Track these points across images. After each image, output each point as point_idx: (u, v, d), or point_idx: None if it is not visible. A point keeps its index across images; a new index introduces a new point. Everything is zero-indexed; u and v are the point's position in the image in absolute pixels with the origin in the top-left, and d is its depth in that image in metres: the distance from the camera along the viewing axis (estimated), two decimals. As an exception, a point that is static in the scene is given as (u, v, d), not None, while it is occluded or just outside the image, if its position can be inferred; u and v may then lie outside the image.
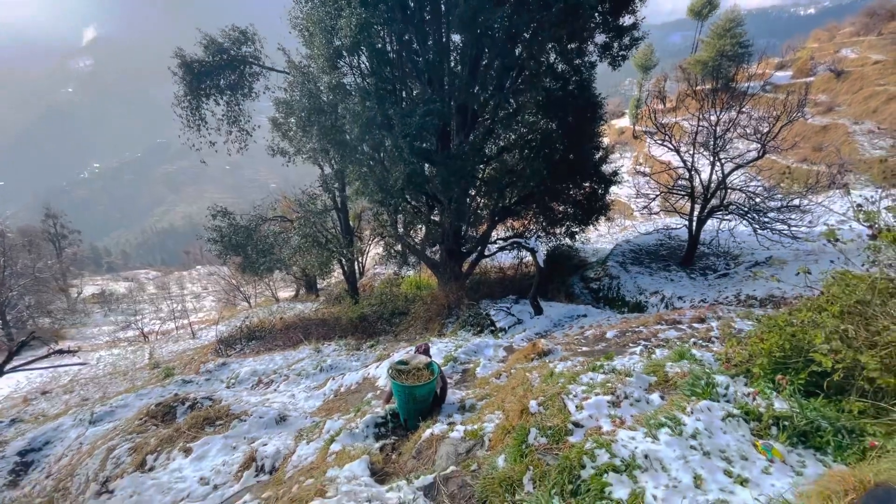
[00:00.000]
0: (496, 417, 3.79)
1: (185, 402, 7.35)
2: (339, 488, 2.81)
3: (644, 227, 21.89)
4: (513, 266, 19.92)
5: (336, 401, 6.88)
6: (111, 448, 6.14)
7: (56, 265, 51.47)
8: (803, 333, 2.91)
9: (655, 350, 5.43)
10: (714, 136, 13.99)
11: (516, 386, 4.31)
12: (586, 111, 14.57)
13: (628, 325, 7.97)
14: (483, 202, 18.13)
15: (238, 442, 5.31)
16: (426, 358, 5.06)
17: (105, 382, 15.27)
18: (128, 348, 25.65)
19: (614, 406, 3.02)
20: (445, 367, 6.93)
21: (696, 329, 6.59)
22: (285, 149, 15.02)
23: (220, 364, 10.94)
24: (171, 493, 4.33)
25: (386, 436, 4.44)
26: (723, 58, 32.38)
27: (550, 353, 6.58)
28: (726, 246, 15.46)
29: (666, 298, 13.60)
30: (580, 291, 16.38)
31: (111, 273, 78.66)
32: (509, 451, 2.95)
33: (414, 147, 10.98)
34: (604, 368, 3.70)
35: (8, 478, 7.21)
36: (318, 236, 15.26)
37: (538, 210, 16.41)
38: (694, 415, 2.61)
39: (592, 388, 3.28)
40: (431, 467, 3.42)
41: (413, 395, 4.57)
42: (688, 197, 15.34)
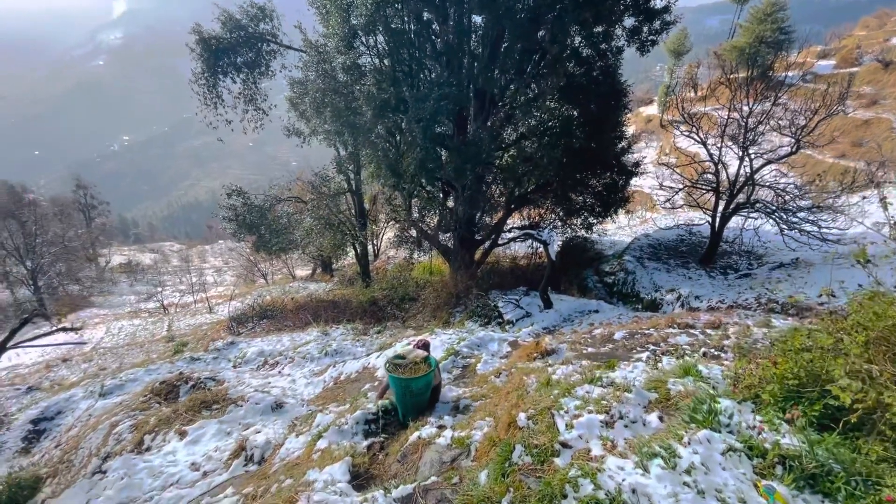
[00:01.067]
0: (486, 425, 3.64)
1: (189, 381, 7.44)
2: (312, 497, 2.72)
3: (665, 222, 21.19)
4: (527, 255, 19.60)
5: (335, 389, 6.86)
6: (114, 424, 6.26)
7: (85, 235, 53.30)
8: (822, 361, 2.65)
9: (662, 358, 5.18)
10: (745, 128, 13.27)
11: (511, 391, 4.14)
12: (610, 98, 13.98)
13: (638, 327, 7.68)
14: (499, 190, 17.78)
15: (233, 427, 5.32)
16: (423, 352, 4.94)
17: (122, 353, 15.76)
18: (148, 319, 26.46)
19: (607, 427, 2.83)
20: (446, 360, 6.82)
21: (710, 336, 6.28)
22: (300, 129, 14.90)
23: (229, 343, 11.08)
24: (161, 477, 4.35)
25: (375, 433, 4.35)
26: (761, 44, 30.69)
27: (554, 353, 6.38)
28: (750, 245, 14.83)
29: (682, 297, 13.15)
30: (594, 285, 16.02)
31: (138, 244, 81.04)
32: (492, 467, 2.80)
33: (428, 131, 10.71)
34: (602, 381, 3.49)
35: (21, 444, 7.49)
36: (330, 219, 15.22)
37: (555, 200, 15.99)
38: (691, 446, 2.40)
39: (586, 405, 3.08)
40: (414, 475, 3.31)
41: (409, 389, 4.47)
42: (712, 192, 14.71)
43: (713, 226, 14.76)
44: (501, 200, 17.00)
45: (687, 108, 15.53)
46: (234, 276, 43.81)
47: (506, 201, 16.02)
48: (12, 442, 7.40)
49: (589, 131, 13.71)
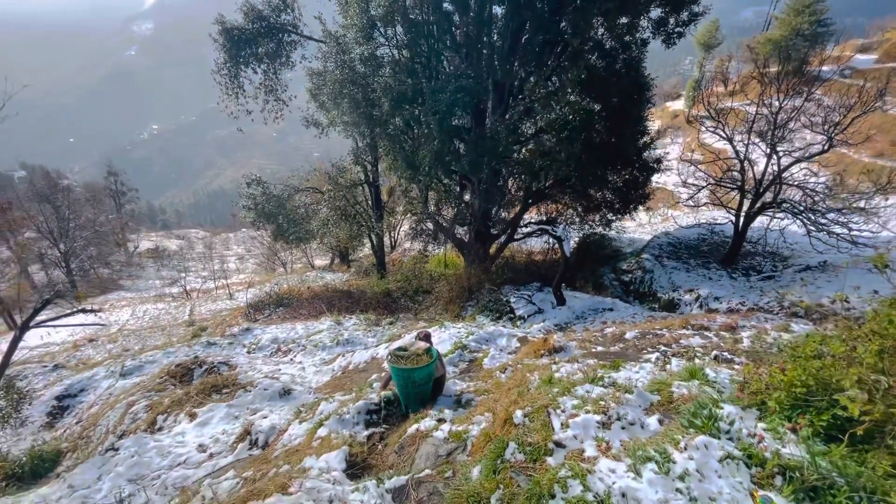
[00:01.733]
0: (485, 420, 3.62)
1: (203, 364, 7.65)
2: (304, 484, 2.76)
3: (686, 220, 20.65)
4: (542, 251, 19.39)
5: (343, 378, 6.94)
6: (131, 403, 6.49)
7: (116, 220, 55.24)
8: (833, 369, 2.53)
9: (672, 359, 5.06)
10: (773, 125, 12.76)
11: (512, 387, 4.11)
12: (633, 92, 13.61)
13: (651, 327, 7.53)
14: (516, 185, 17.59)
15: (241, 412, 5.45)
16: (425, 344, 4.95)
17: (145, 335, 16.30)
18: (171, 304, 27.27)
19: (604, 427, 2.77)
20: (453, 354, 6.81)
21: (724, 338, 6.11)
22: (319, 120, 15.02)
23: (245, 329, 11.33)
24: (169, 457, 4.49)
25: (377, 423, 4.38)
26: (797, 37, 29.40)
27: (562, 351, 6.31)
28: (775, 246, 14.33)
29: (701, 298, 12.83)
30: (610, 283, 15.76)
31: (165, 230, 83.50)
32: (485, 463, 2.78)
33: (444, 124, 10.64)
34: (603, 381, 3.42)
35: (46, 419, 7.83)
36: (347, 209, 15.34)
37: (573, 195, 15.73)
38: (687, 451, 2.33)
39: (584, 404, 3.03)
40: (409, 467, 3.32)
41: (411, 379, 4.49)
42: (737, 190, 14.24)
43: (736, 225, 14.31)
44: (518, 195, 16.82)
45: (715, 104, 15.03)
46: (256, 264, 44.71)
47: (522, 196, 15.84)
48: (38, 416, 7.74)
49: (610, 126, 13.39)
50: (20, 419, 7.31)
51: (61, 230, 41.80)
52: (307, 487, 2.70)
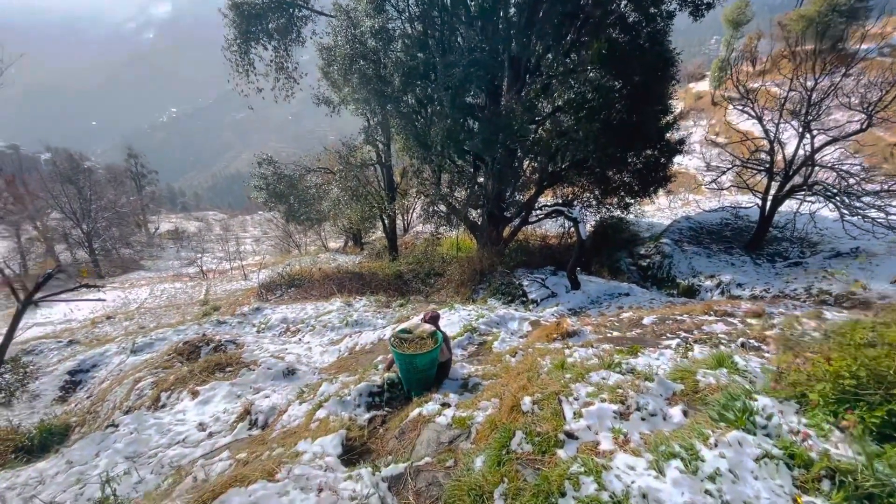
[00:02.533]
0: (491, 406, 3.39)
1: (210, 342, 7.59)
2: (293, 470, 2.57)
3: (709, 204, 19.91)
4: (557, 235, 18.96)
5: (349, 359, 6.80)
6: (137, 380, 6.45)
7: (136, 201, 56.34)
8: (889, 359, 2.20)
9: (694, 346, 4.73)
10: (808, 102, 12.00)
11: (521, 372, 3.86)
12: (656, 68, 12.91)
13: (670, 312, 7.17)
14: (531, 166, 17.08)
15: (244, 390, 5.33)
16: (430, 327, 4.72)
17: (161, 313, 16.53)
18: (188, 283, 27.71)
19: (622, 418, 2.50)
20: (462, 337, 6.59)
21: (750, 325, 5.73)
22: (330, 98, 14.70)
23: (255, 308, 11.30)
24: (168, 435, 4.39)
25: (379, 406, 4.19)
26: (834, 13, 27.69)
27: (576, 336, 6.02)
28: (804, 231, 13.64)
29: (723, 284, 12.34)
30: (627, 268, 15.30)
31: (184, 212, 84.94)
32: (489, 453, 2.54)
33: (456, 100, 10.25)
34: (621, 367, 3.14)
35: (59, 393, 7.92)
36: (358, 190, 15.10)
37: (591, 177, 15.21)
38: (718, 448, 2.05)
39: (600, 392, 2.76)
40: (409, 453, 3.11)
41: (413, 365, 4.28)
42: (765, 172, 13.55)
43: (763, 209, 13.65)
44: (533, 178, 16.35)
45: (743, 82, 14.23)
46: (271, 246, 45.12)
47: (538, 178, 15.37)
48: (51, 391, 7.83)
49: (631, 104, 12.78)
50: (31, 393, 7.39)
51: (83, 211, 42.77)
52: (296, 474, 2.51)
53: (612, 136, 12.77)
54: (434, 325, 4.78)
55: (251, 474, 2.48)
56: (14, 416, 7.20)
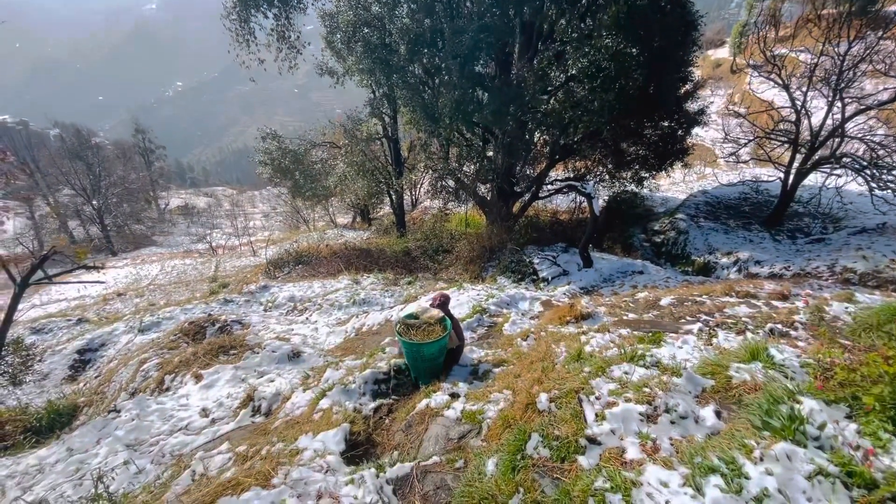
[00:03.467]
0: (503, 399, 3.18)
1: (216, 323, 7.50)
2: (291, 473, 2.40)
3: (726, 178, 19.24)
4: (568, 211, 18.52)
5: (356, 340, 6.65)
6: (143, 361, 6.39)
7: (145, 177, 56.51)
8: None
9: (718, 331, 4.47)
10: (840, 68, 11.25)
11: (535, 361, 3.64)
12: (676, 32, 12.13)
13: (689, 293, 6.88)
14: (542, 139, 16.50)
15: (248, 374, 5.21)
16: (439, 312, 4.50)
17: (171, 290, 16.61)
18: (198, 259, 27.86)
19: (649, 421, 2.27)
20: (472, 319, 6.38)
21: (776, 309, 5.43)
22: (334, 68, 14.17)
23: (262, 287, 11.21)
24: (170, 421, 4.29)
25: (385, 394, 4.02)
26: (867, -30, 25.92)
27: (590, 318, 5.78)
28: (828, 206, 13.09)
29: (740, 261, 11.94)
30: (640, 244, 14.91)
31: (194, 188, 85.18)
32: (503, 456, 2.34)
33: (465, 68, 9.73)
34: (645, 360, 2.89)
35: (68, 372, 7.94)
36: (364, 164, 14.73)
37: (605, 150, 14.65)
38: (764, 462, 1.81)
39: (624, 390, 2.52)
40: (416, 450, 2.93)
41: (420, 354, 4.09)
42: (789, 144, 12.90)
43: (785, 183, 13.08)
44: (545, 151, 15.81)
45: (771, 45, 13.39)
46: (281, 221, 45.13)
47: (549, 151, 14.85)
48: (60, 370, 7.85)
49: (649, 72, 12.09)
50: (40, 373, 7.41)
51: (94, 187, 42.96)
52: (293, 478, 2.34)
53: (628, 106, 12.17)
54: (443, 310, 4.55)
55: (245, 480, 2.32)
56: (24, 396, 7.24)
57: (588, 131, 13.47)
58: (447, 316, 4.38)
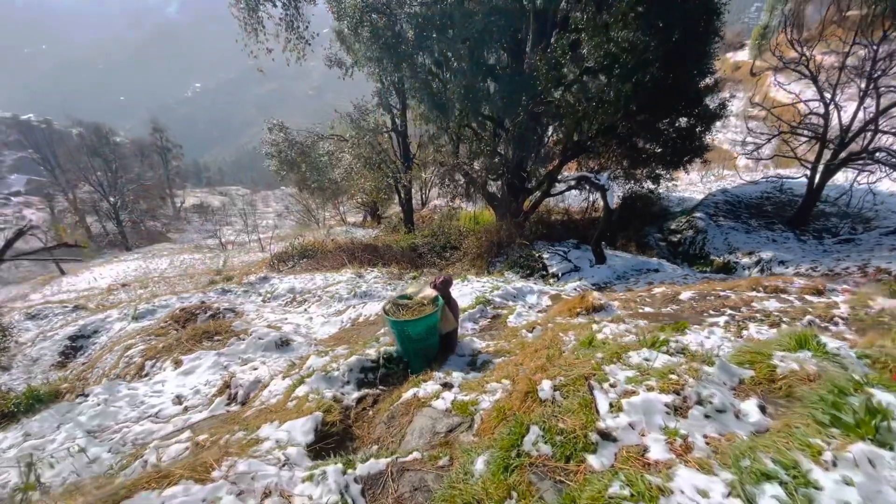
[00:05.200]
0: (501, 389, 2.76)
1: (208, 310, 7.18)
2: (237, 466, 2.01)
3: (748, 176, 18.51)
4: (581, 210, 17.98)
5: (351, 330, 6.27)
6: (128, 347, 6.09)
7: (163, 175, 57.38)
8: None
9: (749, 324, 3.98)
10: (874, 57, 10.60)
11: (541, 349, 3.20)
12: (698, 21, 11.57)
13: (711, 288, 6.36)
14: (554, 136, 16.02)
15: (231, 361, 4.86)
16: (433, 292, 4.10)
17: (175, 282, 16.45)
18: (207, 254, 27.87)
19: (676, 414, 1.82)
20: (474, 310, 5.95)
21: (811, 304, 4.90)
22: (343, 59, 13.88)
23: (262, 278, 10.91)
24: (139, 408, 3.94)
25: (372, 384, 3.62)
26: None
27: (602, 310, 5.31)
28: (858, 205, 12.38)
29: (763, 261, 11.30)
30: (655, 243, 14.31)
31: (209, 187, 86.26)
32: (494, 453, 1.91)
33: (475, 55, 9.32)
34: (668, 346, 2.44)
35: (58, 358, 7.69)
36: (372, 157, 14.39)
37: (619, 147, 14.11)
38: (838, 468, 1.36)
39: (644, 377, 2.07)
40: (397, 444, 2.52)
41: (406, 333, 3.70)
42: (816, 140, 12.24)
43: (811, 181, 12.40)
44: (556, 148, 15.33)
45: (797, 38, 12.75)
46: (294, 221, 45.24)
47: (561, 148, 14.36)
48: (50, 356, 7.61)
49: (668, 63, 11.55)
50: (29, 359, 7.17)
51: (111, 184, 43.61)
52: (238, 472, 1.95)
53: (645, 99, 11.64)
54: (442, 292, 4.14)
55: (175, 472, 1.93)
56: (12, 380, 7.01)
57: (603, 126, 12.95)
58: (443, 297, 3.97)
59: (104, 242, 43.78)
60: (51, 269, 29.43)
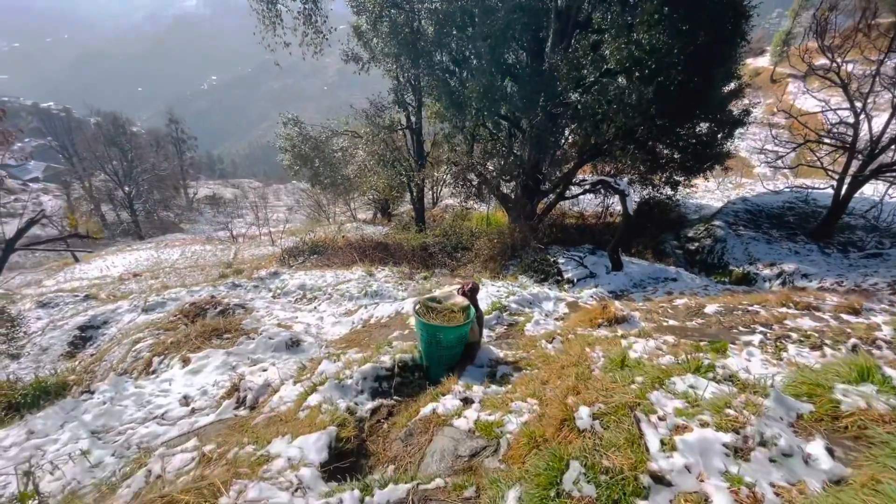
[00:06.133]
0: (527, 409, 2.57)
1: (218, 305, 7.08)
2: (247, 492, 1.85)
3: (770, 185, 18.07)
4: (595, 214, 17.68)
5: (362, 331, 6.11)
6: (137, 340, 5.99)
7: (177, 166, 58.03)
8: None
9: (787, 345, 3.74)
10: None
11: (567, 365, 3.00)
12: (726, 23, 11.24)
13: (737, 301, 6.09)
14: (573, 137, 15.73)
15: (240, 361, 4.73)
16: (464, 300, 3.92)
17: (185, 274, 16.48)
18: (218, 246, 27.99)
19: (737, 456, 1.62)
20: (490, 315, 5.76)
21: (848, 323, 4.63)
22: (359, 54, 13.73)
23: (272, 273, 10.83)
24: (146, 408, 3.81)
25: (387, 393, 3.45)
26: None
27: (625, 322, 5.09)
28: (888, 218, 11.98)
29: (785, 274, 10.97)
30: (672, 251, 14.00)
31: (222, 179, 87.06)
32: (528, 491, 1.73)
33: (495, 52, 9.11)
34: (715, 372, 2.23)
35: (67, 348, 7.65)
36: (385, 155, 14.23)
37: (638, 151, 13.80)
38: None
39: (695, 410, 1.87)
40: (416, 467, 2.34)
41: (437, 339, 3.54)
42: (843, 150, 11.85)
43: (838, 192, 12.00)
44: (573, 152, 15.05)
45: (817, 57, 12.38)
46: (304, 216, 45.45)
47: (578, 151, 14.09)
48: (59, 346, 7.57)
49: (692, 67, 11.23)
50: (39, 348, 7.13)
51: (126, 173, 44.13)
52: (249, 499, 1.80)
53: (667, 102, 11.35)
54: (471, 299, 3.97)
55: (180, 498, 1.78)
56: (21, 369, 6.97)
57: (622, 129, 12.66)
58: (473, 306, 3.80)
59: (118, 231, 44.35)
60: (65, 255, 29.80)
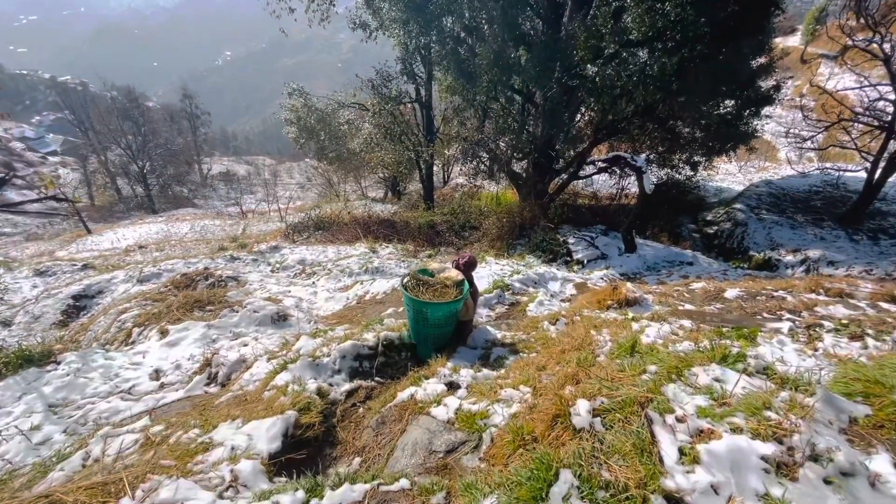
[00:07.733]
0: (519, 399, 2.20)
1: (209, 277, 6.83)
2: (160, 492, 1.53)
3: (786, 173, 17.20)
4: (610, 195, 17.03)
5: (356, 308, 5.80)
6: (123, 311, 5.77)
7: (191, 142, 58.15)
8: None
9: (821, 333, 3.30)
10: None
11: (569, 349, 2.62)
12: (760, -13, 10.35)
13: (760, 286, 5.62)
14: (587, 115, 15.00)
15: (221, 334, 4.45)
16: (458, 274, 3.55)
17: (190, 246, 16.38)
18: (227, 221, 27.98)
19: (780, 474, 1.24)
20: (490, 294, 5.39)
21: (888, 312, 4.16)
22: (367, 21, 13.11)
23: (273, 247, 10.58)
24: (112, 381, 3.56)
25: (368, 374, 3.12)
26: None
27: (637, 304, 4.67)
28: (924, 205, 11.21)
29: (810, 260, 10.36)
30: (689, 234, 13.38)
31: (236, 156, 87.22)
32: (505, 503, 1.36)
33: (508, 15, 8.48)
34: (746, 363, 1.83)
35: (60, 317, 7.49)
36: (393, 128, 13.70)
37: (657, 130, 13.08)
38: None
39: (723, 410, 1.48)
40: (384, 462, 2.01)
41: (424, 316, 3.20)
42: (880, 130, 11.05)
43: (871, 175, 11.24)
44: (588, 130, 14.35)
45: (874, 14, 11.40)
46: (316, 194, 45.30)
47: (593, 128, 13.40)
48: (52, 314, 7.42)
49: (720, 37, 10.43)
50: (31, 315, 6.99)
51: (140, 147, 44.29)
52: (159, 500, 1.48)
53: (690, 77, 10.60)
54: (466, 274, 3.60)
55: (65, 500, 1.47)
56: (11, 336, 6.84)
57: (641, 105, 11.94)
58: (468, 281, 3.43)
59: (132, 204, 44.77)
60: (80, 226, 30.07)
